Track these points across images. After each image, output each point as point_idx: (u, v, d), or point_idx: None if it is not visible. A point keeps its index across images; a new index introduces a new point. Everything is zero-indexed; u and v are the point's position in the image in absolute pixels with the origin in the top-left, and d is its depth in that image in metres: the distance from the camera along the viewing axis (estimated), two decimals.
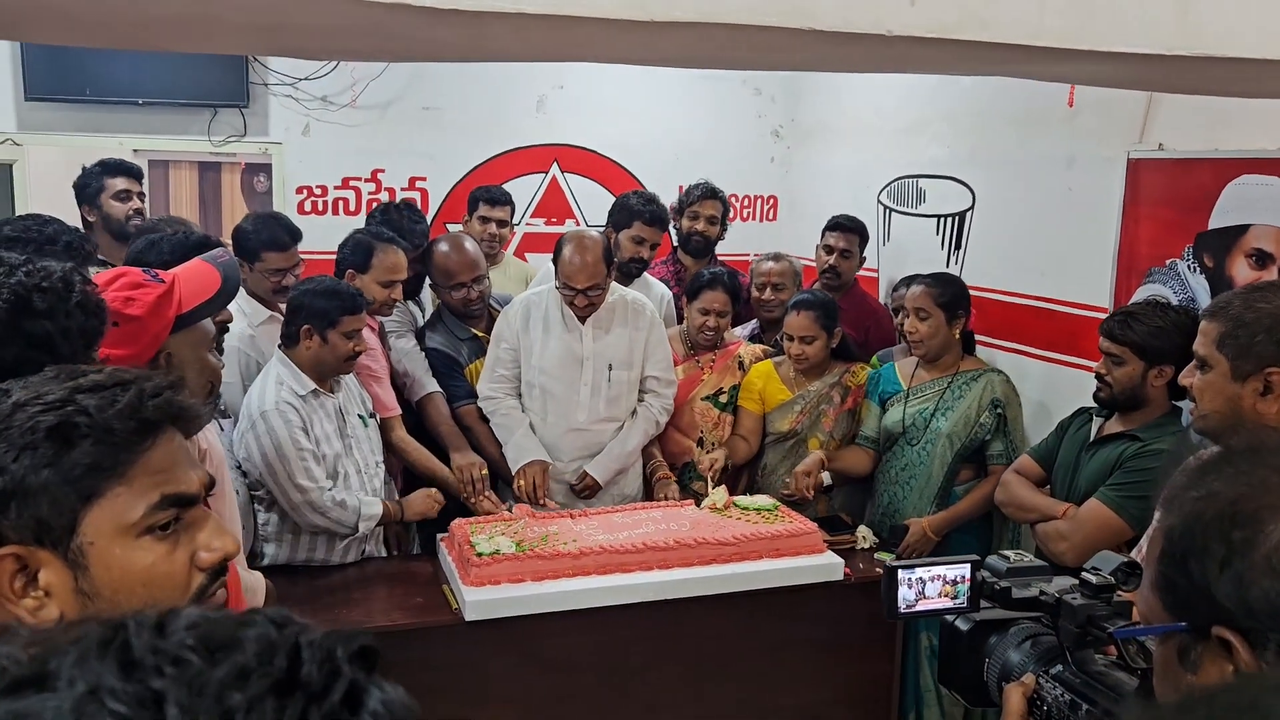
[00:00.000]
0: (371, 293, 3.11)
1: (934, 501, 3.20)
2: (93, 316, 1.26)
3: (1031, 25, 1.21)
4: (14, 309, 1.18)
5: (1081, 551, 2.44)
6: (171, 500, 0.92)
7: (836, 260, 3.85)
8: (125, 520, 0.90)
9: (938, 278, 3.26)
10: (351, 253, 3.15)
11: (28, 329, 1.18)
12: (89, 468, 0.88)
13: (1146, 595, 0.96)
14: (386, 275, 3.14)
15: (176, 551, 0.93)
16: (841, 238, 3.86)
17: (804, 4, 1.15)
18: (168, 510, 0.92)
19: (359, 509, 2.83)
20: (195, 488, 0.95)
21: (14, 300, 1.18)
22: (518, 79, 4.63)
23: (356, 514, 2.82)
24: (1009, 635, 1.40)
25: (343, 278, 3.11)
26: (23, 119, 4.16)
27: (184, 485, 0.94)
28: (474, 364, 3.42)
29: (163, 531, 0.92)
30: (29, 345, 1.15)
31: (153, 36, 1.61)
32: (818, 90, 4.88)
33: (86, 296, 1.25)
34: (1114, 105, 3.15)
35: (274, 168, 4.49)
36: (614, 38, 1.29)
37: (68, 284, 1.23)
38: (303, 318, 2.78)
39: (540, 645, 2.70)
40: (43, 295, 1.20)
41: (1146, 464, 2.49)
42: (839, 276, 3.86)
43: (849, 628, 2.98)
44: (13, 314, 1.17)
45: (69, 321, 1.22)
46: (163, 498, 0.92)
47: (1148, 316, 2.55)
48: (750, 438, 3.44)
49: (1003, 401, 3.16)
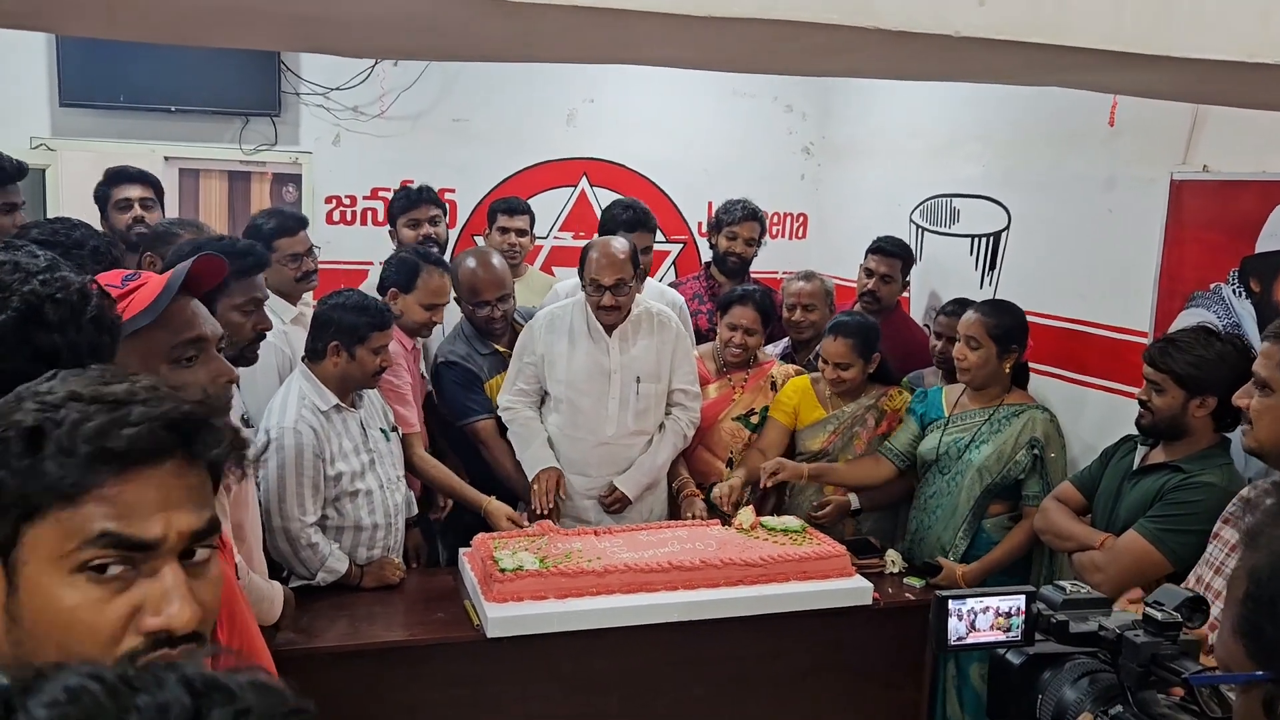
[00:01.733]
0: (412, 314, 3.09)
1: (960, 533, 3.10)
2: (105, 333, 1.18)
3: (1107, 28, 1.16)
4: (24, 318, 1.11)
5: (1117, 584, 2.36)
6: (113, 541, 0.81)
7: (876, 285, 3.77)
8: (58, 549, 0.80)
9: (995, 306, 3.14)
10: (396, 271, 3.13)
11: (36, 341, 1.11)
12: (42, 481, 0.80)
13: (1226, 640, 0.89)
14: (430, 298, 3.11)
15: (114, 601, 0.81)
16: (883, 262, 3.78)
17: (868, 1, 1.10)
18: (106, 550, 0.80)
19: (325, 560, 2.74)
20: (156, 535, 0.82)
21: (24, 309, 1.11)
22: (548, 92, 4.62)
23: (322, 563, 2.74)
24: (1064, 671, 1.33)
25: (385, 295, 3.09)
26: (57, 124, 4.17)
27: (138, 529, 0.81)
28: (495, 379, 3.39)
29: (99, 574, 0.81)
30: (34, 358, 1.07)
31: (190, 29, 1.59)
32: (849, 107, 4.85)
33: (102, 312, 1.18)
34: (1156, 126, 3.09)
35: (303, 177, 4.50)
36: (667, 35, 1.25)
37: (84, 297, 1.17)
38: (331, 333, 2.74)
39: (562, 664, 2.65)
40: (56, 307, 1.13)
41: (1189, 497, 2.40)
42: (878, 302, 3.77)
43: (877, 654, 2.91)
44: (22, 324, 1.11)
45: (79, 337, 1.14)
46: (102, 535, 0.80)
47: (1191, 346, 2.45)
48: (770, 451, 3.34)
49: (1041, 441, 3.03)
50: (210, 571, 0.87)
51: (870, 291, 3.78)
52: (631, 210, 3.77)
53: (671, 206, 4.92)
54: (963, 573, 3.01)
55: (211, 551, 0.88)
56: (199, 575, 0.86)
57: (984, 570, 3.03)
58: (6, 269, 1.14)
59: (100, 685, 0.45)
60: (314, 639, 2.53)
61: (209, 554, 0.87)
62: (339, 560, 2.77)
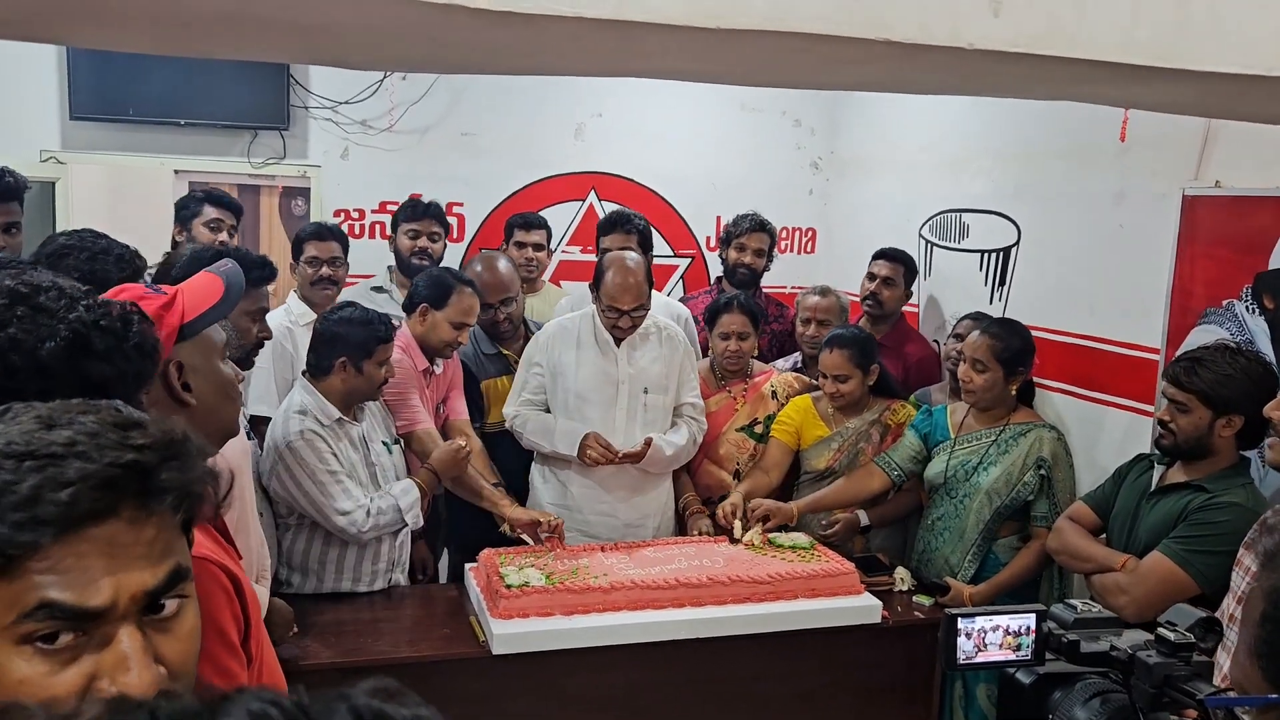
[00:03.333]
0: (440, 331, 3.10)
1: (969, 556, 3.06)
2: (147, 359, 1.16)
3: (1124, 40, 1.14)
4: (73, 349, 1.07)
5: (1143, 607, 2.32)
6: (55, 611, 0.73)
7: (878, 287, 3.81)
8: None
9: (1003, 327, 3.10)
10: (428, 288, 3.13)
11: (85, 371, 1.07)
12: None
13: (1243, 662, 0.87)
14: (460, 316, 3.12)
15: (63, 673, 0.74)
16: (885, 265, 3.83)
17: (879, 13, 1.09)
18: (44, 622, 0.73)
19: (396, 504, 2.79)
20: (103, 603, 0.74)
21: (73, 339, 1.07)
22: (556, 106, 4.63)
23: (397, 509, 2.79)
24: (1075, 691, 1.31)
25: (414, 311, 3.11)
26: (67, 138, 4.19)
27: (83, 597, 0.73)
28: (495, 381, 3.39)
29: (47, 643, 0.73)
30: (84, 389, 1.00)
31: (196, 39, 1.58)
32: (858, 122, 4.84)
33: (144, 338, 1.16)
34: (1168, 140, 3.07)
35: (312, 190, 4.50)
36: (678, 47, 1.24)
37: (126, 323, 1.13)
38: (339, 350, 2.73)
39: (568, 681, 2.63)
40: (101, 335, 1.10)
41: (1214, 517, 2.36)
42: (881, 305, 3.80)
43: (886, 672, 2.88)
44: (72, 354, 1.07)
45: (125, 365, 1.11)
46: (42, 605, 0.73)
47: (1216, 363, 2.40)
48: (772, 471, 3.32)
49: (1049, 461, 3.00)
50: (182, 626, 0.80)
51: (873, 294, 3.81)
52: (613, 214, 3.84)
53: (679, 221, 4.92)
54: (971, 593, 2.98)
55: (181, 602, 0.80)
56: (167, 630, 0.79)
57: (993, 591, 2.99)
58: (52, 295, 1.10)
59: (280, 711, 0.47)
60: (319, 654, 2.51)
61: (178, 605, 0.80)
62: (407, 493, 2.81)
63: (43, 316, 1.07)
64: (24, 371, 1.04)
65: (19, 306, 1.07)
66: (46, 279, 1.16)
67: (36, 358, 1.05)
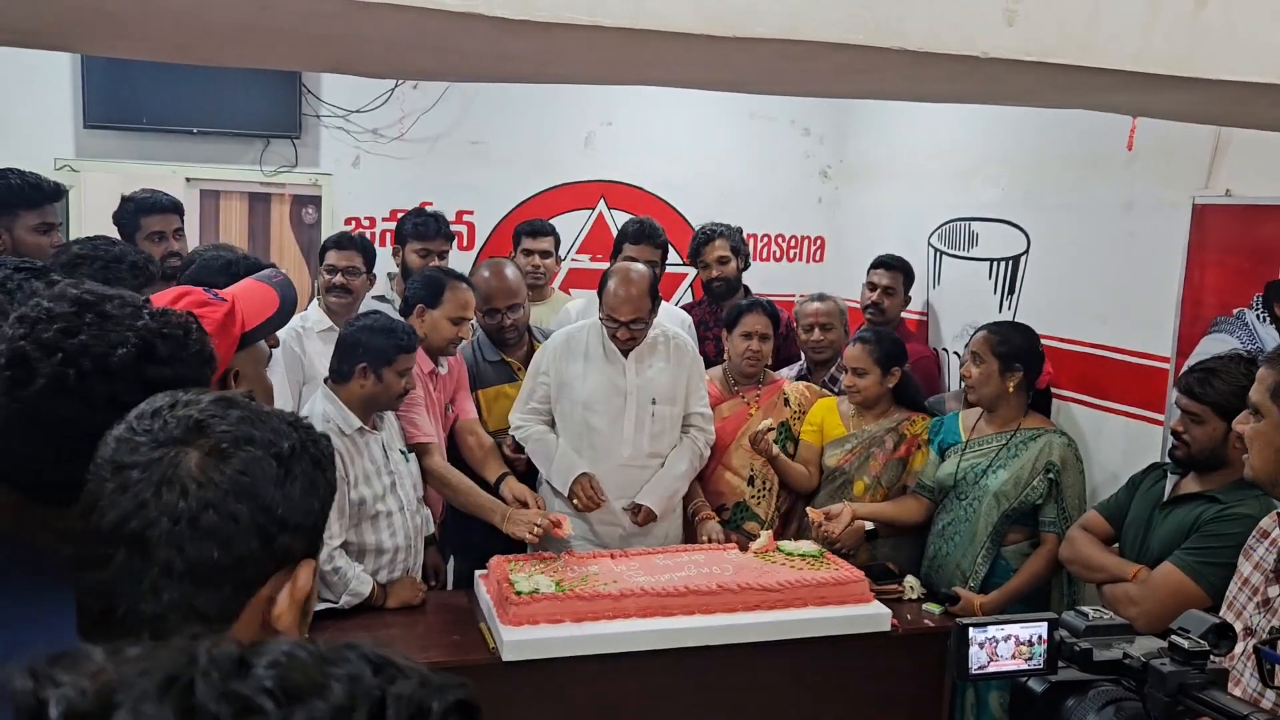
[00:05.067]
0: (440, 330, 3.10)
1: (979, 559, 3.06)
2: (205, 366, 1.19)
3: (1137, 49, 1.14)
4: (140, 354, 1.10)
5: (1153, 618, 2.31)
6: None
7: (879, 297, 3.88)
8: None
9: (1006, 326, 3.15)
10: (422, 288, 3.15)
11: (150, 376, 1.09)
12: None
13: None
14: (457, 311, 3.12)
15: None
16: (885, 274, 3.89)
17: (892, 22, 1.09)
18: None
19: (349, 583, 2.74)
20: None
21: (140, 345, 1.10)
22: (566, 114, 4.64)
23: (346, 586, 2.73)
24: (1088, 699, 1.31)
25: (410, 313, 3.11)
26: (80, 146, 4.22)
27: None
28: (496, 388, 3.40)
29: None
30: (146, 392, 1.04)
31: (210, 49, 1.59)
32: (867, 130, 4.85)
33: (203, 345, 1.19)
34: (1177, 149, 3.07)
35: (323, 199, 4.53)
36: (691, 55, 1.25)
37: (186, 330, 1.16)
38: (359, 355, 2.74)
39: (578, 689, 2.63)
40: (165, 341, 1.12)
41: (1227, 529, 2.33)
42: (883, 314, 3.87)
43: (895, 681, 2.88)
44: (139, 360, 1.09)
45: (185, 370, 1.14)
46: None
47: (1229, 373, 2.38)
48: (810, 467, 3.39)
49: (1057, 466, 2.99)
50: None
51: (874, 303, 3.88)
52: (639, 225, 3.83)
53: (689, 229, 4.92)
54: (981, 603, 2.97)
55: None
56: None
57: (1003, 599, 2.99)
58: (117, 304, 1.13)
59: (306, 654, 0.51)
60: None
61: None
62: (362, 583, 2.76)
63: (110, 324, 1.10)
64: (93, 376, 1.06)
65: (87, 314, 1.10)
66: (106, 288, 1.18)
67: (107, 363, 1.07)
